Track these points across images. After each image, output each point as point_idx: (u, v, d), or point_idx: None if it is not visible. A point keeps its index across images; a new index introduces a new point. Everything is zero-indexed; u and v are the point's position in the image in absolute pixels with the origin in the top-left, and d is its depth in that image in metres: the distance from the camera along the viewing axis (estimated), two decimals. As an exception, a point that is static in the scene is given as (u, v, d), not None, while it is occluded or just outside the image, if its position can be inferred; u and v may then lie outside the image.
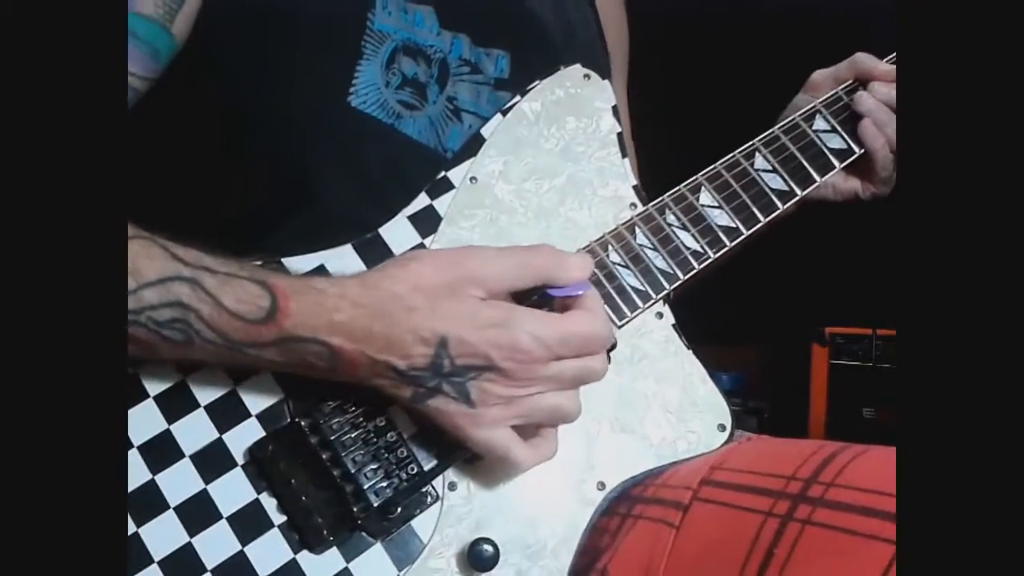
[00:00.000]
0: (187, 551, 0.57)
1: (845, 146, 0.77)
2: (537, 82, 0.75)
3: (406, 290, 0.55)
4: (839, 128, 0.77)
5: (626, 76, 0.93)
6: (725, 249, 0.71)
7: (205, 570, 0.57)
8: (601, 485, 0.63)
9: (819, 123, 0.77)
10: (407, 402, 0.58)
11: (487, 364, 0.55)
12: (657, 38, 0.91)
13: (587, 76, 0.76)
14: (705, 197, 0.72)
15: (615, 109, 0.76)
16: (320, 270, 0.65)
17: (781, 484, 0.58)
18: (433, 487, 0.61)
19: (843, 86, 0.79)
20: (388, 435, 0.61)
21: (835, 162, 0.76)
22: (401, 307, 0.55)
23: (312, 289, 0.57)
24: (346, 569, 0.58)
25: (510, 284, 0.57)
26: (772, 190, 0.73)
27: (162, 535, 0.57)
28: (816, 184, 0.75)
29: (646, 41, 0.92)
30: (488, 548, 0.58)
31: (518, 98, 0.74)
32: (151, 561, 0.56)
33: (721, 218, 0.72)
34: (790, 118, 0.77)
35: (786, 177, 0.74)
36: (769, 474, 0.60)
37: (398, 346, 0.55)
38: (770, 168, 0.74)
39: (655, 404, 0.66)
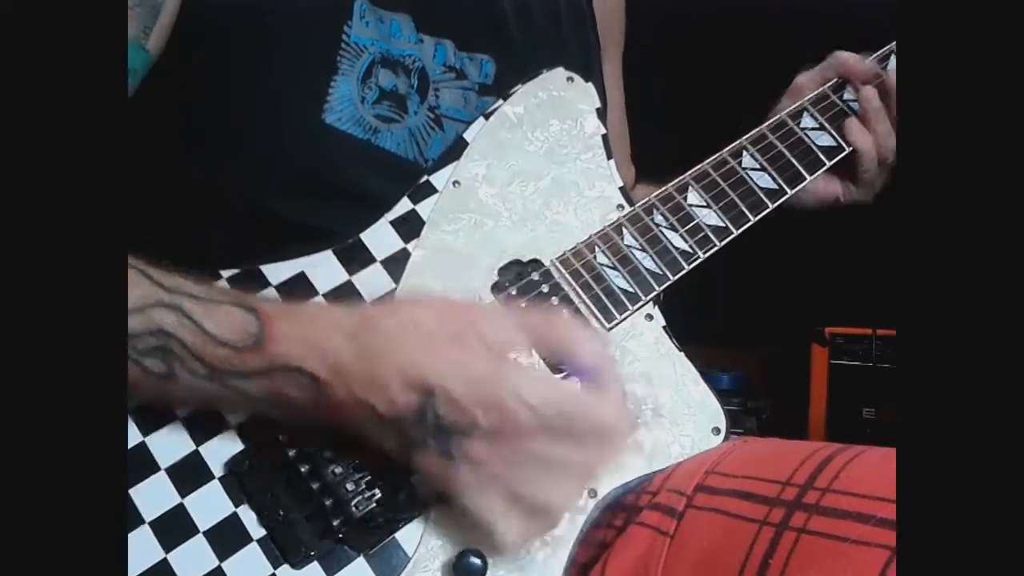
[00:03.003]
0: (163, 567, 0.55)
1: (834, 143, 0.76)
2: (519, 86, 0.74)
3: (402, 330, 0.52)
4: (827, 125, 0.76)
5: (620, 55, 0.91)
6: (715, 249, 0.70)
7: (181, 587, 0.55)
8: (592, 493, 0.61)
9: (807, 121, 0.76)
10: (390, 452, 0.54)
11: (472, 423, 0.49)
12: (644, 36, 0.90)
13: (570, 79, 0.75)
14: (693, 197, 0.71)
15: (599, 111, 0.75)
16: (300, 277, 0.64)
17: (776, 490, 0.57)
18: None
19: (828, 84, 0.78)
20: (370, 444, 0.59)
21: (824, 159, 0.75)
22: (393, 347, 0.51)
23: (303, 315, 0.54)
24: (328, 584, 0.56)
25: (512, 348, 0.53)
26: (761, 189, 0.72)
27: (138, 550, 0.55)
28: (806, 182, 0.74)
29: (634, 39, 0.91)
30: (476, 560, 0.56)
31: (500, 102, 0.73)
32: (126, 578, 0.54)
33: (709, 217, 0.70)
34: (777, 116, 0.76)
35: (775, 175, 0.73)
36: (764, 479, 0.58)
37: (383, 389, 0.51)
38: (758, 167, 0.73)
39: (647, 407, 0.65)
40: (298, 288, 0.63)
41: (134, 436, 0.58)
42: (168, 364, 0.53)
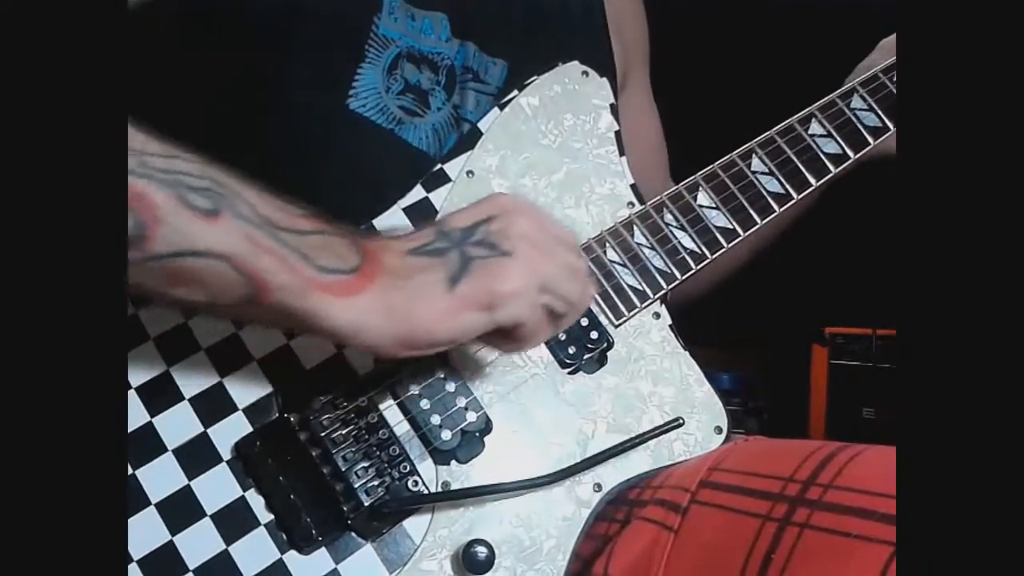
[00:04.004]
0: (168, 550, 0.54)
1: (840, 152, 0.77)
2: (535, 77, 0.74)
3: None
4: (834, 133, 0.77)
5: (647, 77, 0.91)
6: (722, 251, 0.70)
7: (187, 570, 0.54)
8: (598, 487, 0.62)
9: (815, 127, 0.77)
10: (445, 286, 0.51)
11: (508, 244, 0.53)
12: (657, 36, 0.90)
13: (585, 73, 0.75)
14: (703, 197, 0.72)
15: (613, 107, 0.75)
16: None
17: (779, 486, 0.57)
18: (427, 487, 0.59)
19: (838, 91, 0.79)
20: (380, 432, 0.59)
21: (830, 167, 0.76)
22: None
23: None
24: (335, 570, 0.56)
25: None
26: (769, 193, 0.73)
27: (142, 533, 0.54)
28: (812, 188, 0.75)
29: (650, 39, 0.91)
30: (483, 550, 0.57)
31: (515, 92, 0.73)
32: (130, 560, 0.54)
33: (718, 219, 0.71)
34: (786, 121, 0.76)
35: (782, 180, 0.74)
36: (767, 475, 0.59)
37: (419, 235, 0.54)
38: (767, 170, 0.74)
39: (652, 405, 0.65)
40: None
41: (142, 417, 0.57)
42: (215, 201, 0.48)
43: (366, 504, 0.56)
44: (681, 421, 0.64)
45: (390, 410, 0.60)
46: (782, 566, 0.53)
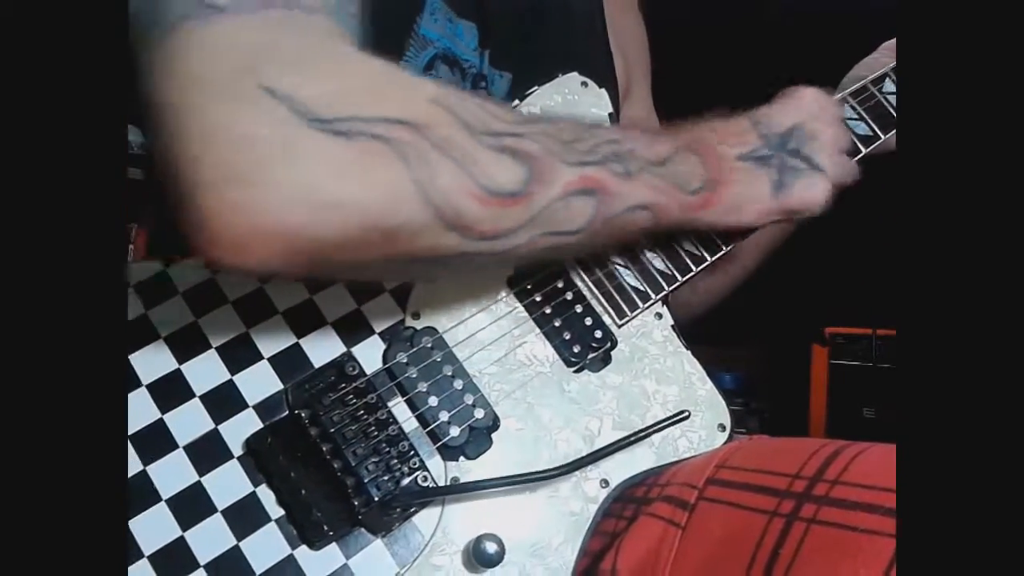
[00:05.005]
0: (179, 545, 0.54)
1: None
2: (535, 88, 0.76)
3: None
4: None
5: (649, 83, 0.94)
6: (722, 253, 0.72)
7: (198, 565, 0.54)
8: (604, 483, 0.63)
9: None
10: (770, 193, 0.64)
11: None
12: (659, 50, 0.93)
13: (584, 83, 0.77)
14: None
15: (611, 116, 0.77)
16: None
17: (786, 483, 0.58)
18: (436, 482, 0.59)
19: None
20: (390, 428, 0.59)
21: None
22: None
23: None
24: (345, 566, 0.56)
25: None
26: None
27: (153, 529, 0.54)
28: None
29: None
30: (492, 544, 0.57)
31: (517, 102, 0.75)
32: (141, 555, 0.54)
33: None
34: None
35: None
36: (773, 472, 0.60)
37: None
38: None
39: (656, 402, 0.66)
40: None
41: (152, 413, 0.57)
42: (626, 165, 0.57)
43: (376, 499, 0.57)
44: (687, 414, 0.65)
45: (399, 407, 0.61)
46: (789, 561, 0.54)
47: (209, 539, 0.55)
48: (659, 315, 0.70)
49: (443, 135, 0.47)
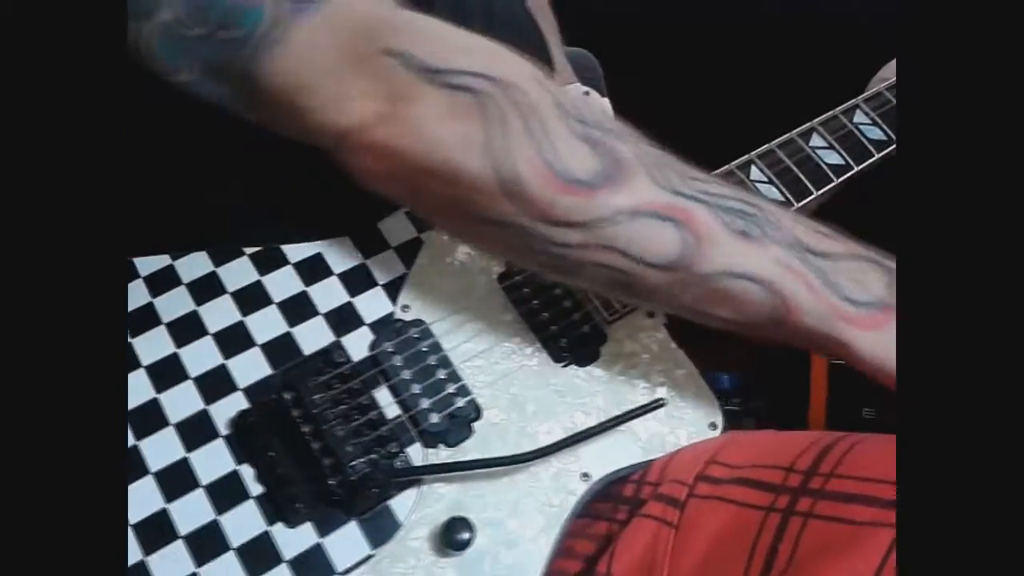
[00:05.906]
0: (162, 517, 0.57)
1: (843, 162, 0.78)
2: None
3: None
4: (836, 145, 0.78)
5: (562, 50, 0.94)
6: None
7: (178, 536, 0.56)
8: (585, 476, 0.62)
9: (816, 140, 0.78)
10: None
11: None
12: (658, 48, 0.94)
13: (587, 94, 0.79)
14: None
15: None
16: (317, 258, 0.67)
17: (780, 477, 0.57)
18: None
19: (840, 107, 0.80)
20: (371, 413, 0.61)
21: (832, 176, 0.77)
22: None
23: None
24: (319, 544, 0.57)
25: None
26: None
27: (139, 499, 0.57)
28: (813, 196, 0.75)
29: (642, 45, 0.95)
30: (462, 527, 0.57)
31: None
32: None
33: (715, 224, 0.72)
34: (787, 134, 0.78)
35: (782, 188, 0.75)
36: (767, 466, 0.58)
37: None
38: (765, 179, 0.75)
39: (642, 399, 0.65)
40: (315, 268, 0.67)
41: (148, 392, 0.61)
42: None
43: (352, 478, 0.58)
44: (663, 401, 0.64)
45: (382, 393, 0.62)
46: (788, 557, 0.52)
47: (190, 512, 0.57)
48: (651, 313, 0.69)
49: (529, 102, 0.50)
